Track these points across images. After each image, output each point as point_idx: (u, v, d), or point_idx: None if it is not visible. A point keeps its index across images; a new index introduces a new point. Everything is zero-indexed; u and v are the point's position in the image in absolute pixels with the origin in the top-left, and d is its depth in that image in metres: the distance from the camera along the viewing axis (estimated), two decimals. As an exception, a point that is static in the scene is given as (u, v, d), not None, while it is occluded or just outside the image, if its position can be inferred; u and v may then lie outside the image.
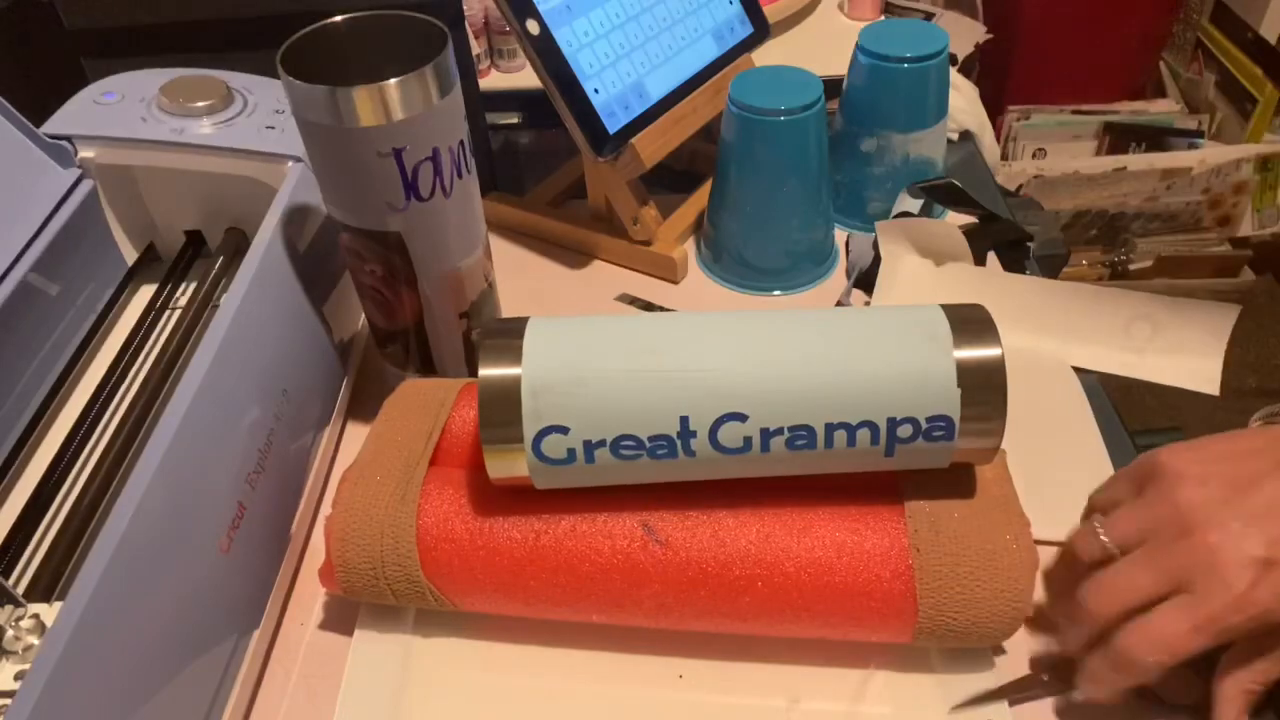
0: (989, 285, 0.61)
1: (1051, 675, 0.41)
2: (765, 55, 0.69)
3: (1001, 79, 1.61)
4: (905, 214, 0.66)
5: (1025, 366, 0.56)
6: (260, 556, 0.44)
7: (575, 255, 0.69)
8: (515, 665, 0.43)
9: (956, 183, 0.64)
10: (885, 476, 0.41)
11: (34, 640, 0.37)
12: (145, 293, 0.59)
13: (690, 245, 0.69)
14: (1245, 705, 0.35)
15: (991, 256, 0.64)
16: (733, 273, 0.65)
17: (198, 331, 0.54)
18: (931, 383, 0.38)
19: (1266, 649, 0.35)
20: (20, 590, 0.40)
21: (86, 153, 0.55)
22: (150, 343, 0.55)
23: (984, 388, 0.38)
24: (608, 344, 0.39)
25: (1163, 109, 1.66)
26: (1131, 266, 1.60)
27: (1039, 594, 0.39)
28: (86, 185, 0.56)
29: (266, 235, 0.48)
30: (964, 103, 0.79)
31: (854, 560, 0.39)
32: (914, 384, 0.38)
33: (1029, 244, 0.64)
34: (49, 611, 0.38)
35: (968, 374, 0.38)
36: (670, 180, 0.71)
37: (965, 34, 0.94)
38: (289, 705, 0.42)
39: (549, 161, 0.76)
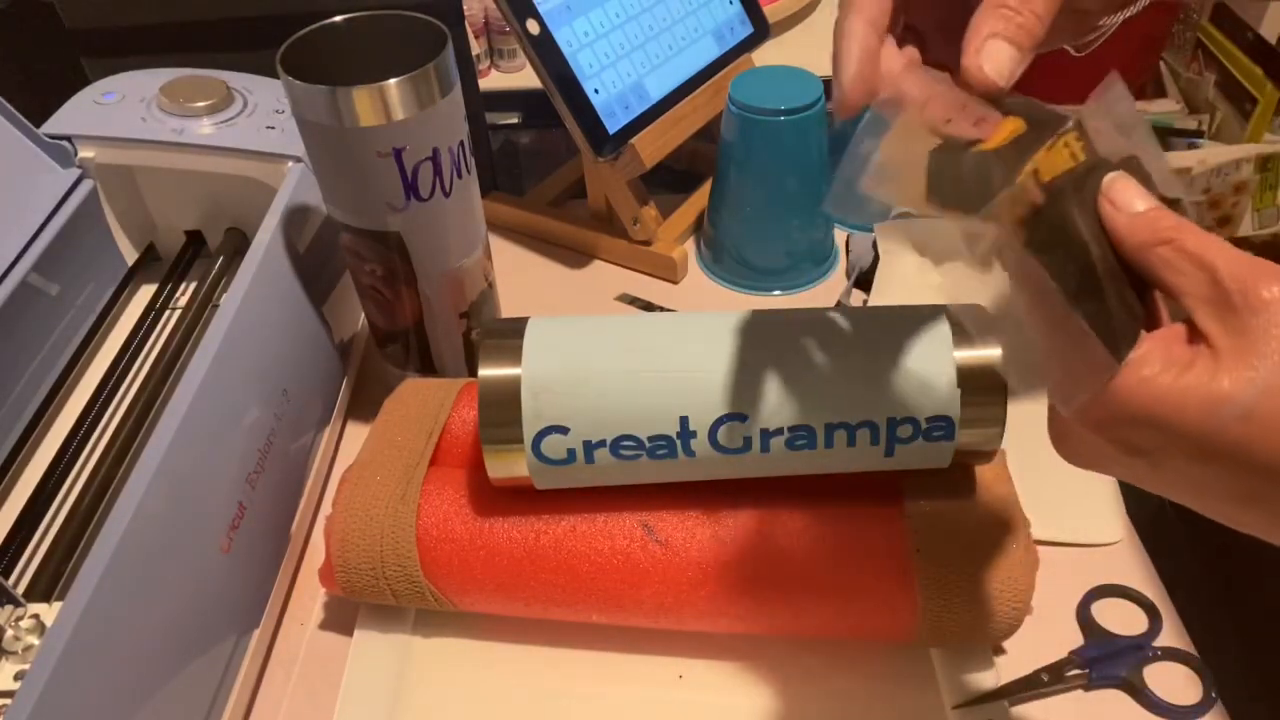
0: (989, 285, 0.61)
1: (1051, 675, 0.41)
2: (765, 55, 0.69)
3: (1001, 79, 1.61)
4: (905, 214, 0.66)
5: (1025, 366, 0.56)
6: (260, 556, 0.44)
7: (575, 255, 0.69)
8: (515, 665, 0.43)
9: (956, 183, 0.64)
10: (885, 476, 0.41)
11: (34, 640, 0.37)
12: (145, 293, 0.59)
13: (690, 245, 0.69)
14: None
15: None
16: (733, 273, 0.65)
17: (198, 331, 0.54)
18: (931, 383, 0.38)
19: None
20: (20, 590, 0.40)
21: (86, 153, 0.55)
22: (150, 343, 0.55)
23: (984, 388, 0.38)
24: (608, 344, 0.39)
25: (1163, 109, 1.65)
26: (1131, 266, 1.60)
27: (1039, 593, 0.39)
28: (86, 185, 0.56)
29: (266, 235, 0.48)
30: (964, 103, 0.78)
31: (854, 560, 0.39)
32: (914, 384, 0.38)
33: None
34: (49, 611, 0.38)
35: (968, 374, 0.38)
36: (670, 180, 0.71)
37: (965, 34, 0.94)
38: (289, 705, 0.42)
39: (549, 161, 0.76)
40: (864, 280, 0.64)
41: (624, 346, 0.39)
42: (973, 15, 0.28)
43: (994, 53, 0.28)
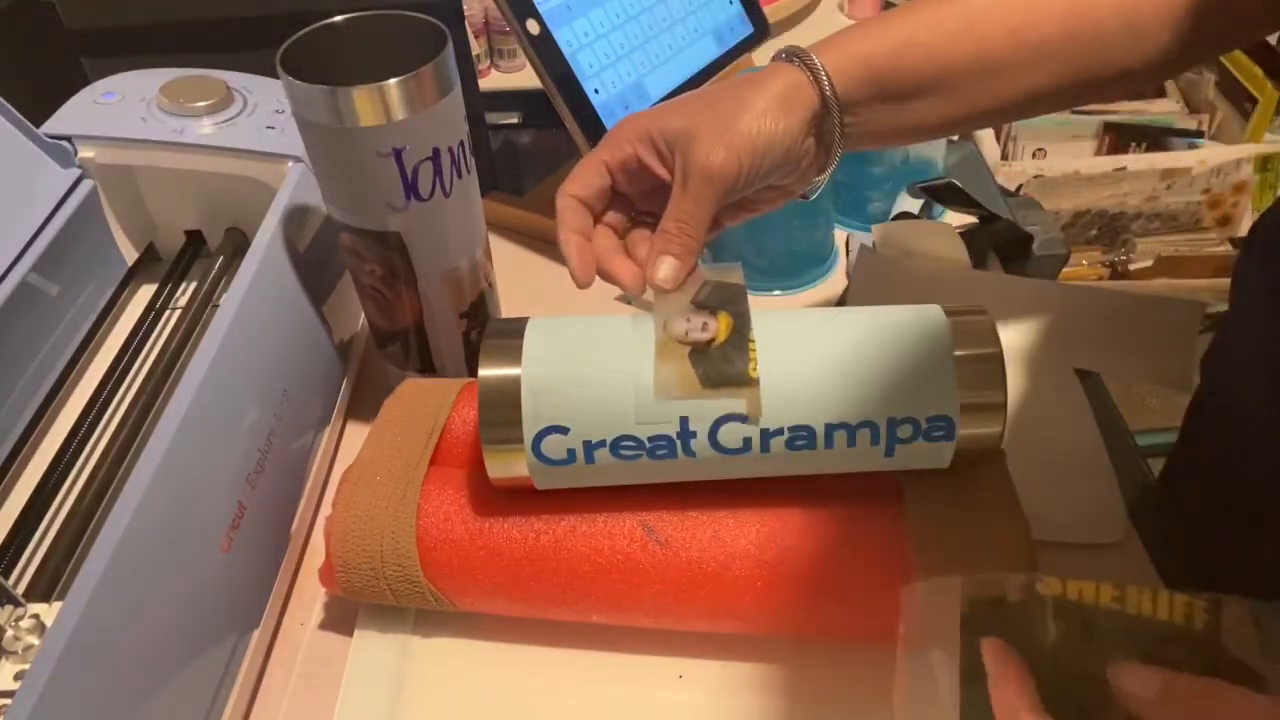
0: (987, 286, 0.61)
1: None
2: (765, 55, 0.69)
3: (1001, 79, 1.61)
4: (905, 214, 0.66)
5: (1025, 367, 0.56)
6: (260, 556, 0.44)
7: (575, 255, 0.69)
8: (515, 665, 0.43)
9: (956, 183, 0.64)
10: (885, 476, 0.41)
11: (34, 640, 0.37)
12: (145, 293, 0.59)
13: (690, 245, 0.68)
14: None
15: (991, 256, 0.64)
16: (733, 273, 0.65)
17: (198, 331, 0.54)
18: (931, 383, 0.38)
19: None
20: (20, 590, 0.40)
21: (86, 153, 0.55)
22: (150, 343, 0.55)
23: (984, 388, 0.38)
24: (608, 344, 0.39)
25: (1163, 109, 1.66)
26: (1131, 266, 1.60)
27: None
28: (86, 185, 0.56)
29: (266, 235, 0.48)
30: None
31: (854, 560, 0.39)
32: (914, 384, 0.38)
33: (1029, 244, 0.64)
34: (49, 611, 0.38)
35: (968, 374, 0.38)
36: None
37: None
38: (289, 705, 0.42)
39: (549, 161, 0.76)
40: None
41: (624, 346, 0.39)
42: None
43: (661, 265, 0.39)
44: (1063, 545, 0.46)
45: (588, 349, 0.39)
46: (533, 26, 0.56)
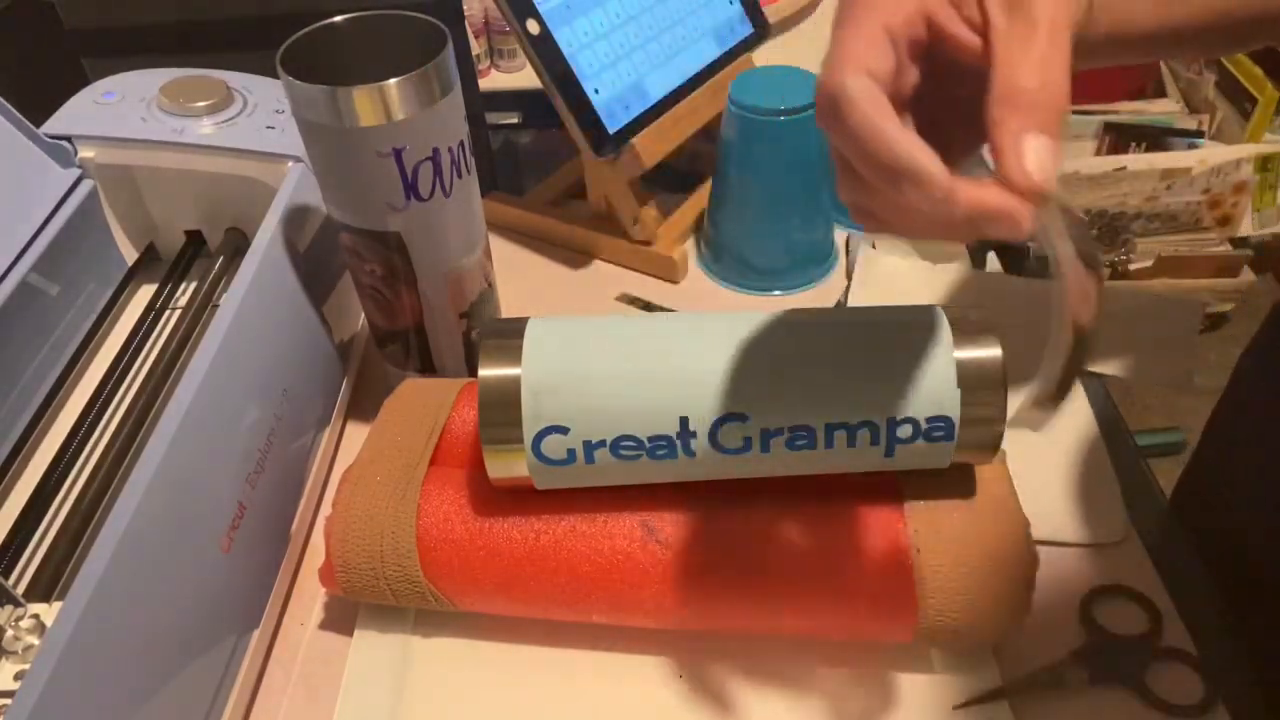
0: (987, 286, 0.61)
1: (1051, 675, 0.41)
2: (765, 55, 0.69)
3: (1001, 79, 1.61)
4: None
5: (1025, 367, 0.56)
6: (260, 556, 0.44)
7: (575, 255, 0.69)
8: (515, 665, 0.43)
9: (956, 183, 0.64)
10: (885, 476, 0.41)
11: (34, 640, 0.37)
12: (145, 293, 0.59)
13: (690, 245, 0.69)
14: None
15: (990, 256, 0.64)
16: (733, 273, 0.65)
17: (198, 331, 0.54)
18: (931, 383, 0.38)
19: None
20: (20, 590, 0.40)
21: (86, 153, 0.55)
22: (150, 343, 0.55)
23: (984, 388, 0.38)
24: (608, 344, 0.39)
25: (1163, 109, 1.66)
26: (1131, 266, 1.61)
27: (1039, 593, 0.39)
28: (86, 185, 0.56)
29: (266, 235, 0.48)
30: (964, 103, 0.79)
31: (854, 560, 0.39)
32: (914, 384, 0.38)
33: (1029, 244, 0.64)
34: (49, 611, 0.38)
35: (968, 374, 0.38)
36: (670, 180, 0.71)
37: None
38: (289, 705, 0.42)
39: (549, 161, 0.76)
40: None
41: (624, 347, 0.39)
42: (986, 108, 0.25)
43: (1032, 148, 0.24)
44: (1063, 545, 0.46)
45: (588, 349, 0.39)
46: (533, 26, 0.56)
